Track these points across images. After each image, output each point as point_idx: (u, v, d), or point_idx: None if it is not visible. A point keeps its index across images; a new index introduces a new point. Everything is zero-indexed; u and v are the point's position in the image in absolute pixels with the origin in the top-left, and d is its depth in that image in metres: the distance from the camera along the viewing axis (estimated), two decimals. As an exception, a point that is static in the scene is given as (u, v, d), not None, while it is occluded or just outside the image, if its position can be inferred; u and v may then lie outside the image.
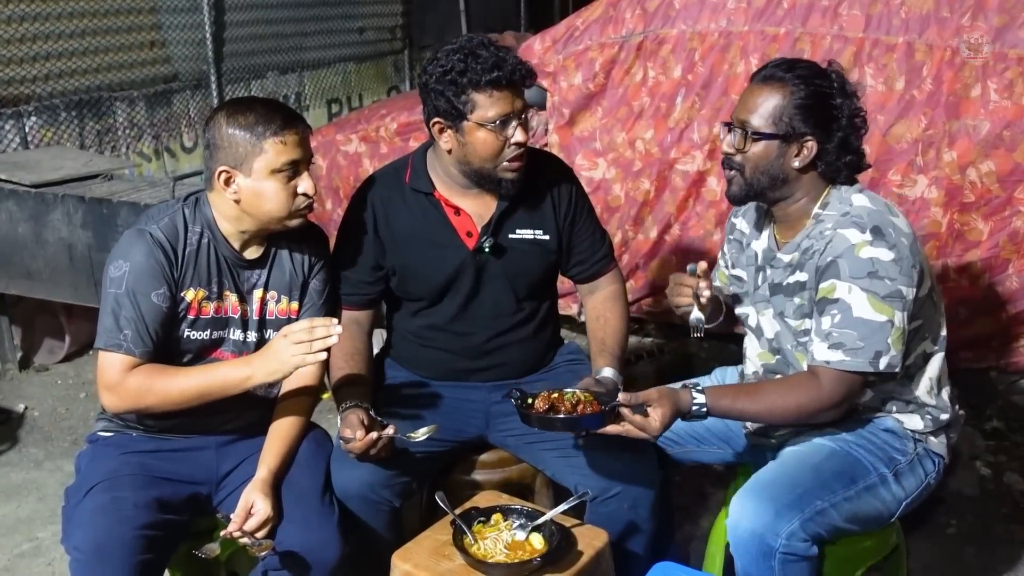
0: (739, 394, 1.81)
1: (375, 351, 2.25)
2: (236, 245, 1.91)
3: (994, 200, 2.93)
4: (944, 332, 1.89)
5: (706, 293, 1.86)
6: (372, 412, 1.92)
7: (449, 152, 1.99)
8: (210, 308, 1.90)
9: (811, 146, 1.77)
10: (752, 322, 1.98)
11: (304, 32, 5.99)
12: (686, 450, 2.12)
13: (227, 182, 1.83)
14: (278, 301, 1.95)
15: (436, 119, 1.97)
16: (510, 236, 2.07)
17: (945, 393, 1.89)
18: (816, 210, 1.82)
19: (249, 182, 1.81)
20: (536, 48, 3.55)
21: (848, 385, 1.74)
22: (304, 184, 1.84)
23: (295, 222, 1.88)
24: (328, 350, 1.74)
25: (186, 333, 1.88)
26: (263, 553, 1.76)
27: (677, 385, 1.82)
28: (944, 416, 1.87)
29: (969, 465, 2.86)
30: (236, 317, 1.92)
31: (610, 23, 3.41)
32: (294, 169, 1.82)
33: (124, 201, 3.14)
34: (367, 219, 2.08)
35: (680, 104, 3.31)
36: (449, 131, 1.96)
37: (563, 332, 2.40)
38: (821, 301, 1.75)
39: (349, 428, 1.84)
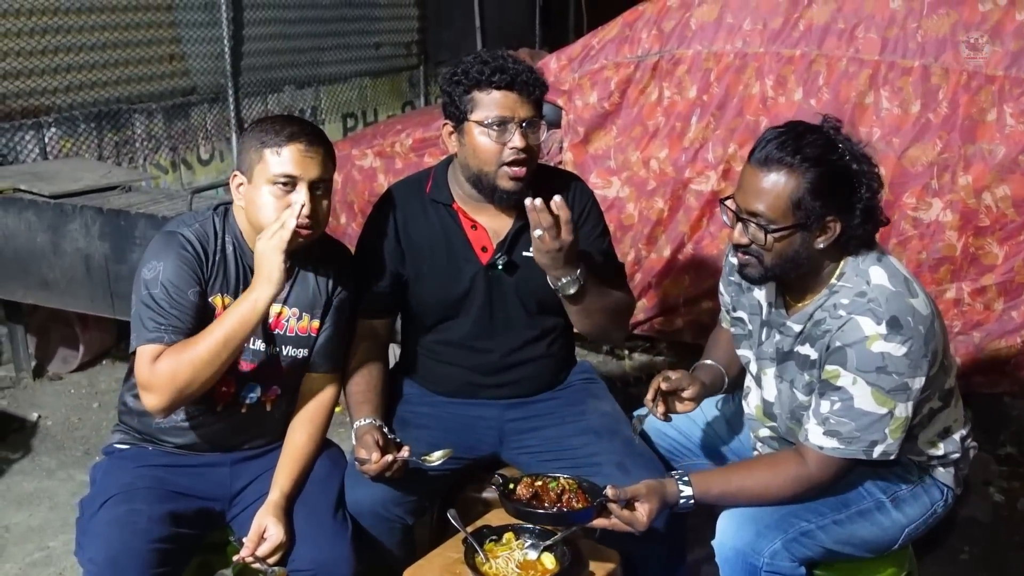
0: (728, 482, 1.78)
1: (390, 364, 2.26)
2: None
3: (1009, 224, 2.92)
4: (950, 384, 1.84)
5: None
6: (386, 430, 1.92)
7: (456, 157, 2.02)
8: None
9: (835, 226, 1.69)
10: (753, 369, 1.95)
11: (321, 47, 6.04)
12: (700, 463, 2.12)
13: (238, 187, 1.87)
14: (299, 318, 1.96)
15: (445, 121, 2.01)
16: (524, 254, 2.07)
17: (957, 436, 1.86)
18: (832, 280, 1.75)
19: (250, 189, 1.85)
20: (552, 66, 3.57)
21: (838, 468, 1.74)
22: (296, 201, 1.80)
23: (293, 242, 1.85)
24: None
25: None
26: None
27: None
28: (952, 454, 1.85)
29: (982, 491, 2.84)
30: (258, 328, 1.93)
31: (626, 43, 3.42)
32: (290, 183, 1.81)
33: (141, 213, 3.16)
34: (388, 227, 2.09)
35: (695, 124, 3.32)
36: (455, 134, 1.99)
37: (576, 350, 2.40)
38: (824, 383, 1.71)
39: (364, 449, 1.84)
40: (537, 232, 1.80)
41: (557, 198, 1.79)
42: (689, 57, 3.32)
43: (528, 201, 1.79)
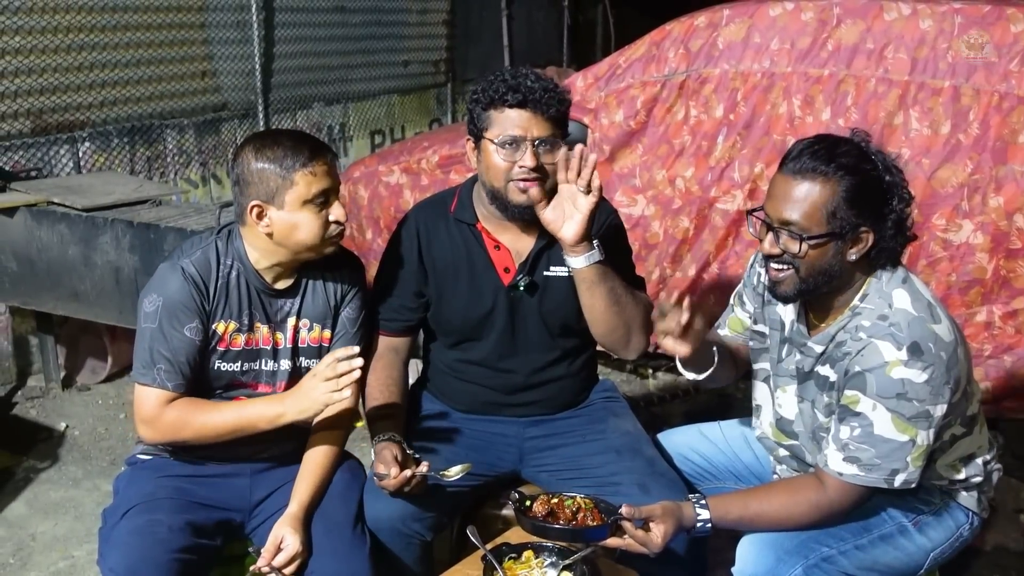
0: (746, 507, 1.75)
1: (411, 380, 2.26)
2: (268, 277, 1.93)
3: (1042, 247, 2.88)
4: (974, 410, 1.80)
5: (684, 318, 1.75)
6: (405, 446, 1.92)
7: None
8: (240, 340, 1.92)
9: (867, 237, 1.66)
10: (771, 385, 1.92)
11: (350, 64, 6.11)
12: (723, 486, 2.09)
13: (259, 216, 1.84)
14: (310, 329, 1.97)
15: (467, 137, 2.02)
16: (545, 273, 2.07)
17: (980, 461, 1.82)
18: (855, 301, 1.72)
19: (282, 215, 1.83)
20: (579, 85, 3.58)
21: (858, 495, 1.71)
22: (335, 212, 1.86)
23: (329, 250, 1.90)
24: (362, 378, 1.75)
25: (217, 365, 1.91)
26: None
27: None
28: (974, 478, 1.82)
29: (1013, 518, 2.78)
30: (267, 348, 1.94)
31: (653, 62, 3.43)
32: (325, 198, 1.84)
33: (171, 227, 3.21)
34: (411, 245, 2.09)
35: (721, 143, 3.31)
36: (475, 150, 2.01)
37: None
38: (844, 408, 1.69)
39: (383, 464, 1.84)
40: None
41: (579, 145, 1.83)
42: (716, 76, 3.32)
43: (562, 152, 1.82)
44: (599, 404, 2.21)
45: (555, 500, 1.80)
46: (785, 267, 1.70)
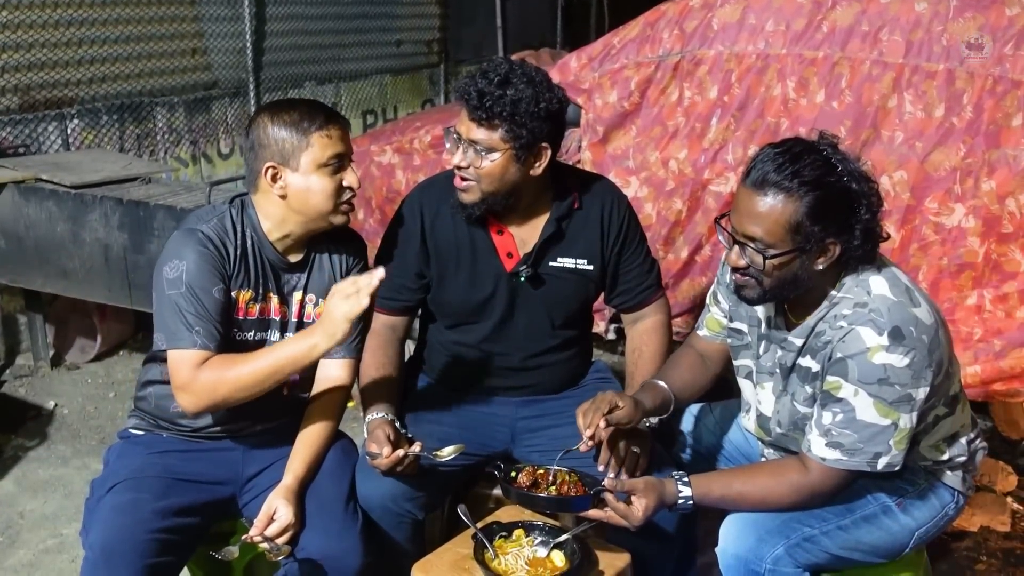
0: (729, 485, 1.75)
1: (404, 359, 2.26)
2: (280, 248, 1.93)
3: (1033, 231, 2.89)
4: (956, 391, 1.80)
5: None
6: (398, 426, 1.92)
7: None
8: (256, 309, 1.91)
9: (834, 248, 1.64)
10: (753, 379, 1.92)
11: (342, 43, 6.05)
12: (713, 468, 2.10)
13: (274, 178, 1.84)
14: (316, 304, 1.96)
15: None
16: (551, 264, 2.05)
17: (963, 440, 1.83)
18: (831, 291, 1.71)
19: (297, 177, 1.83)
20: (572, 65, 3.56)
21: (841, 479, 1.71)
22: (349, 178, 1.86)
23: (340, 219, 1.90)
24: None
25: (235, 334, 1.90)
26: (280, 558, 1.76)
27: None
28: (958, 457, 1.82)
29: (1000, 500, 2.80)
30: (277, 319, 1.94)
31: (647, 42, 3.41)
32: (339, 163, 1.85)
33: (161, 204, 3.18)
34: (415, 225, 2.08)
35: (715, 125, 3.30)
36: None
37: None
38: (826, 395, 1.69)
39: (376, 444, 1.84)
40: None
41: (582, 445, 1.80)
42: (711, 57, 3.30)
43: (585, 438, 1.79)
44: (592, 385, 2.21)
45: (540, 471, 1.82)
46: (750, 278, 1.68)
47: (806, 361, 1.75)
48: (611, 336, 3.85)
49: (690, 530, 2.07)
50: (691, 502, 1.71)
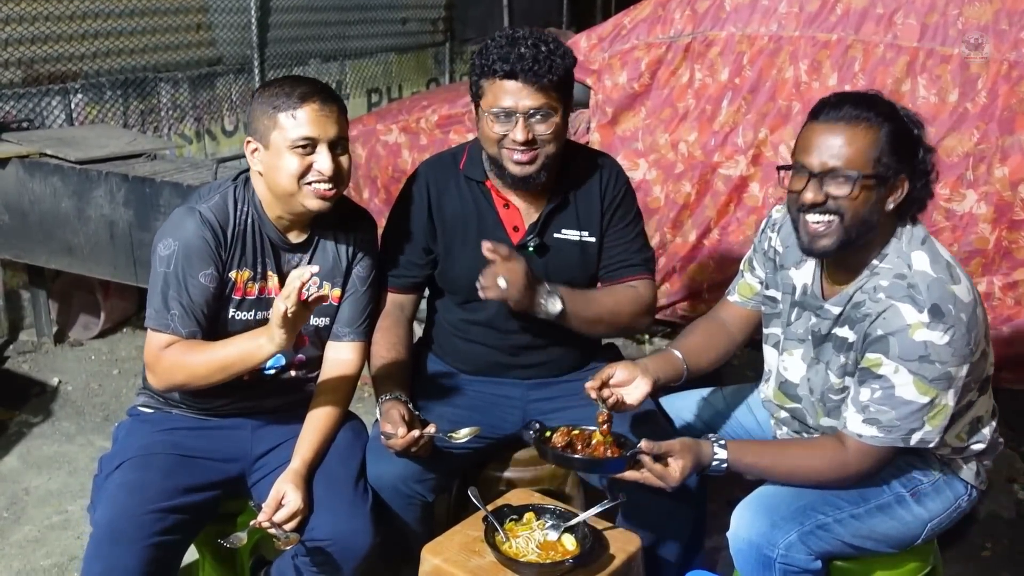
0: (763, 453, 1.77)
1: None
2: (280, 227, 1.91)
3: (1045, 219, 2.87)
4: (989, 372, 1.81)
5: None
6: (412, 407, 1.91)
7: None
8: (255, 289, 1.90)
9: (904, 185, 1.68)
10: (779, 348, 1.92)
11: (348, 21, 6.01)
12: None
13: (253, 153, 1.84)
14: (320, 287, 1.94)
15: (471, 98, 1.99)
16: (555, 236, 2.05)
17: (986, 429, 1.83)
18: (873, 261, 1.72)
19: (268, 155, 1.81)
20: (582, 45, 3.52)
21: (876, 459, 1.71)
22: (319, 162, 1.79)
23: (313, 203, 1.83)
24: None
25: (232, 314, 1.89)
26: (288, 547, 1.75)
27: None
28: (977, 447, 1.82)
29: (1007, 488, 2.80)
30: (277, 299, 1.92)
31: (658, 23, 3.37)
32: (310, 146, 1.79)
33: (167, 181, 3.16)
34: (421, 201, 2.07)
35: (726, 108, 3.27)
36: (476, 112, 1.99)
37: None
38: (865, 371, 1.68)
39: (390, 424, 1.82)
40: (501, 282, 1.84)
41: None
42: (722, 39, 3.27)
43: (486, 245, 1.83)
44: (603, 367, 2.19)
45: (575, 432, 1.81)
46: (829, 217, 1.67)
47: (843, 331, 1.75)
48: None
49: (698, 514, 2.08)
50: (725, 465, 1.72)
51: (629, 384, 1.84)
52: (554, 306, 1.91)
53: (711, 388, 2.20)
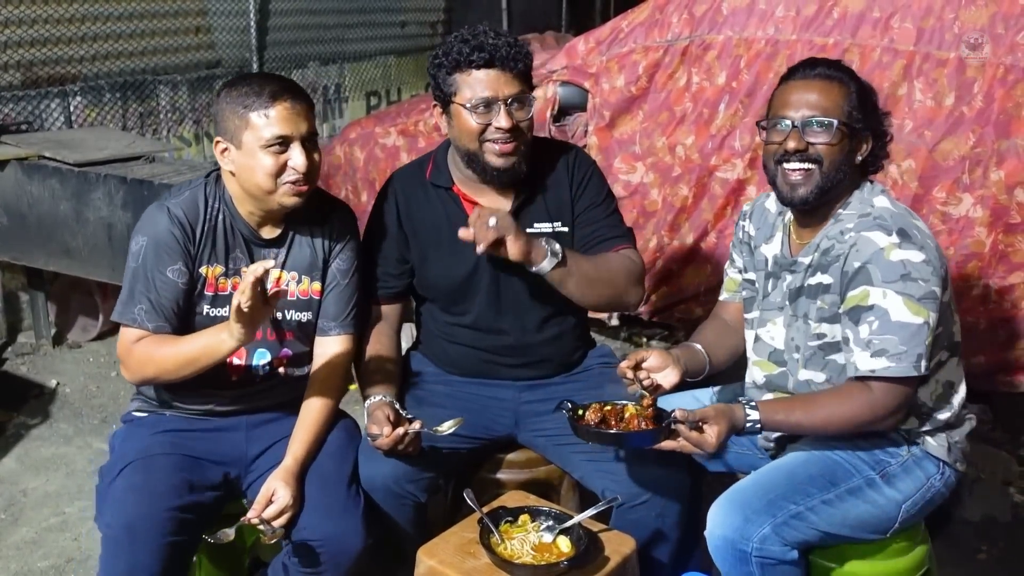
0: (792, 408, 1.78)
1: (405, 346, 2.25)
2: (252, 223, 1.91)
3: (1041, 222, 2.88)
4: (958, 339, 1.86)
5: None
6: (398, 407, 1.92)
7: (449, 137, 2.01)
8: (228, 285, 1.90)
9: (868, 143, 1.81)
10: (759, 325, 1.96)
11: (346, 24, 6.02)
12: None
13: (223, 153, 1.84)
14: (299, 282, 1.95)
15: (436, 104, 1.99)
16: (528, 230, 2.04)
17: (955, 400, 1.85)
18: (837, 210, 1.82)
19: (241, 156, 1.81)
20: (580, 49, 3.53)
21: (900, 394, 1.72)
22: (294, 159, 1.80)
23: (288, 200, 1.84)
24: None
25: (206, 310, 1.89)
26: (273, 541, 1.76)
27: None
28: (943, 416, 1.83)
29: (1002, 491, 2.80)
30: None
31: (656, 26, 3.38)
32: (283, 143, 1.79)
33: (165, 183, 3.16)
34: (391, 212, 2.08)
35: (723, 111, 3.28)
36: (444, 115, 1.98)
37: (593, 335, 2.38)
38: (855, 309, 1.71)
39: (376, 424, 1.84)
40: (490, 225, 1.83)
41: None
42: (720, 43, 3.28)
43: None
44: (596, 370, 2.20)
45: (608, 408, 1.83)
46: (808, 165, 1.78)
47: (816, 278, 1.81)
48: (614, 322, 3.85)
49: (693, 515, 2.08)
50: (759, 425, 1.74)
51: (661, 371, 1.86)
52: (553, 247, 1.89)
53: (702, 388, 2.21)
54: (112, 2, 4.34)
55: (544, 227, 2.05)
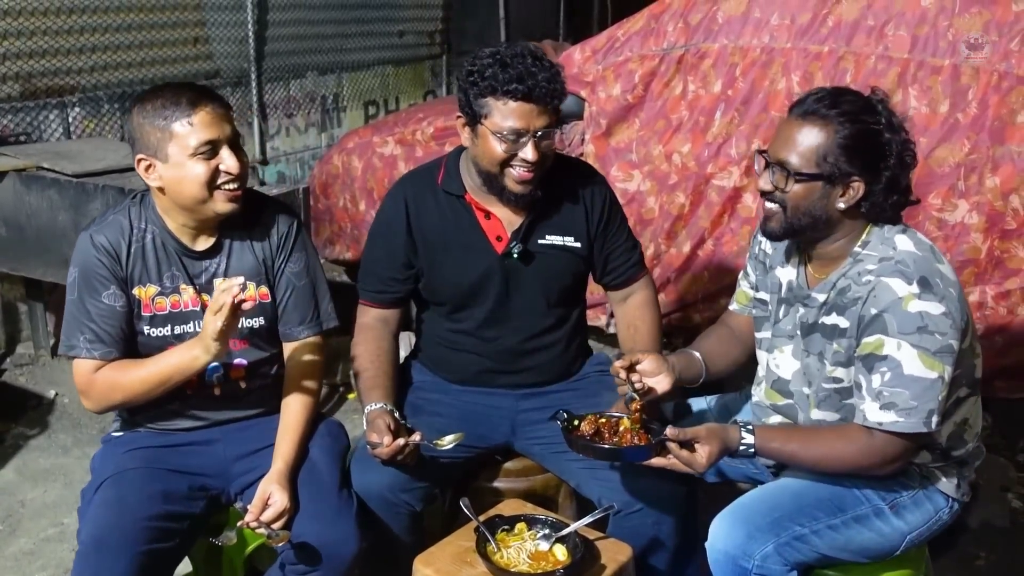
0: (790, 439, 1.75)
1: (404, 354, 2.26)
2: (184, 237, 1.89)
3: (1036, 228, 2.88)
4: (979, 374, 1.80)
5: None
6: (397, 415, 1.92)
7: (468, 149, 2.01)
8: (166, 304, 1.89)
9: (857, 187, 1.69)
10: (767, 348, 1.93)
11: (345, 34, 6.03)
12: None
13: (148, 170, 1.80)
14: (244, 288, 1.87)
15: (459, 114, 1.99)
16: (540, 242, 2.06)
17: (969, 436, 1.82)
18: (855, 248, 1.74)
19: (168, 168, 1.78)
20: (576, 57, 3.55)
21: (903, 447, 1.68)
22: (226, 162, 1.78)
23: (224, 206, 1.82)
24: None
25: (146, 330, 1.88)
26: (280, 544, 1.77)
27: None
28: (956, 453, 1.80)
29: (1000, 497, 2.80)
30: (196, 310, 1.90)
31: (651, 35, 3.40)
32: (211, 149, 1.78)
33: (162, 194, 3.16)
34: (400, 217, 2.08)
35: (719, 119, 3.30)
36: (468, 128, 1.97)
37: (591, 343, 2.39)
38: (869, 357, 1.66)
39: (376, 433, 1.84)
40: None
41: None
42: (715, 51, 3.29)
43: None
44: (593, 378, 2.21)
45: (602, 420, 1.83)
46: (774, 205, 1.74)
47: (831, 319, 1.75)
48: (612, 330, 3.84)
49: (690, 523, 2.08)
50: (752, 449, 1.72)
51: (655, 377, 1.86)
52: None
53: (698, 398, 2.21)
54: (110, 13, 4.35)
55: (556, 240, 2.06)
